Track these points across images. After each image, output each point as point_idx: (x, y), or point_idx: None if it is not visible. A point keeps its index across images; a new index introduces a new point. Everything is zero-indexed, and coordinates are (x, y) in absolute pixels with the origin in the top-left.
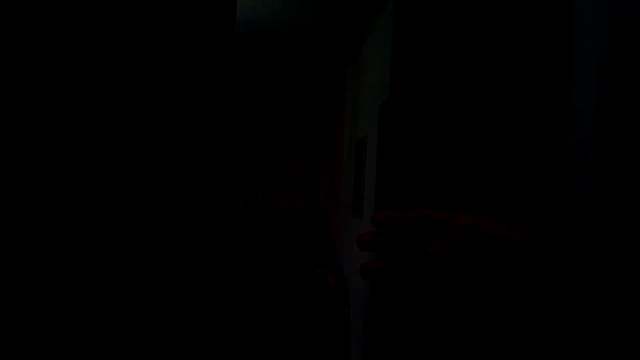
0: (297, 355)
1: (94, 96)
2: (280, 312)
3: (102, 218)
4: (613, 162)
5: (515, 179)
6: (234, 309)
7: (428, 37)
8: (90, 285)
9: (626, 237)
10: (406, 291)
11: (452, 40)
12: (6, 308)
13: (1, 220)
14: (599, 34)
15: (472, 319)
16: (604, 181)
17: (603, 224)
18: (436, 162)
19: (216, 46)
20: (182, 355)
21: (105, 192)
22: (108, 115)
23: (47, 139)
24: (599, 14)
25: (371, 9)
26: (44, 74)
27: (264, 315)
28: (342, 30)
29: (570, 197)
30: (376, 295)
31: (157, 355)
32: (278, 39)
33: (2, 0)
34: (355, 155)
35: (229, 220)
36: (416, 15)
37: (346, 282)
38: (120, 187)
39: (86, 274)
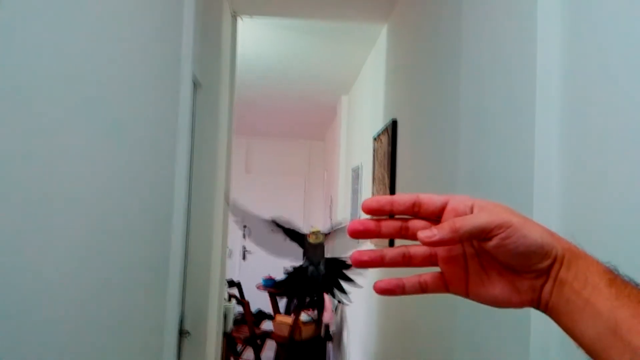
0: None
1: None
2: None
3: None
4: None
5: None
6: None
7: None
8: None
9: None
10: (398, 279)
11: None
12: None
13: None
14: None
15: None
16: None
17: None
18: None
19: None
20: None
21: None
22: None
23: None
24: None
25: (364, 44)
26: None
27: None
28: (337, 64)
29: None
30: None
31: None
32: (279, 72)
33: None
34: (351, 181)
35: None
36: None
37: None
38: None
39: None
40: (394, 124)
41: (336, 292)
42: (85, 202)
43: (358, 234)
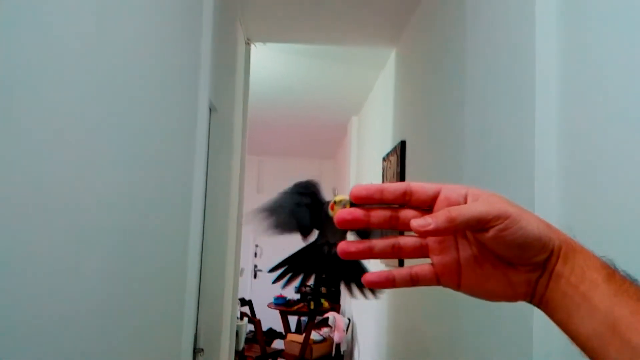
0: None
1: None
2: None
3: None
4: None
5: None
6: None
7: None
8: None
9: None
10: (388, 270)
11: None
12: None
13: None
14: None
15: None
16: None
17: None
18: None
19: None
20: None
21: None
22: None
23: None
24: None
25: (373, 67)
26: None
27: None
28: (348, 86)
29: None
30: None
31: None
32: (290, 94)
33: None
34: None
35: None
36: None
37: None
38: None
39: None
40: (402, 145)
41: (354, 287)
42: (109, 220)
43: (346, 223)
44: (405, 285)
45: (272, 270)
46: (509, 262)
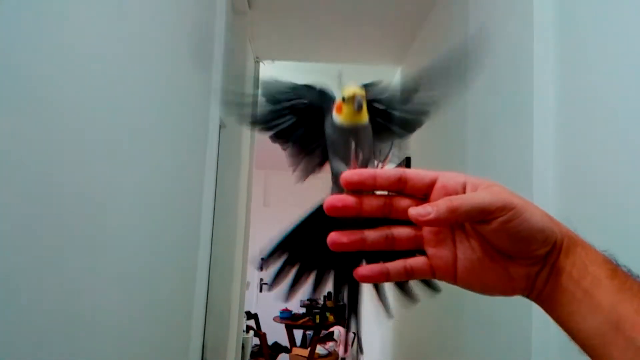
0: None
1: None
2: None
3: None
4: None
5: None
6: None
7: None
8: None
9: None
10: (382, 264)
11: None
12: None
13: None
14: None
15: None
16: None
17: None
18: None
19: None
20: None
21: None
22: None
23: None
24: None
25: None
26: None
27: None
28: None
29: None
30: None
31: None
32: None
33: None
34: None
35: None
36: None
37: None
38: None
39: None
40: (407, 161)
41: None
42: (121, 230)
43: (336, 211)
44: (400, 278)
45: (267, 258)
46: (509, 255)
